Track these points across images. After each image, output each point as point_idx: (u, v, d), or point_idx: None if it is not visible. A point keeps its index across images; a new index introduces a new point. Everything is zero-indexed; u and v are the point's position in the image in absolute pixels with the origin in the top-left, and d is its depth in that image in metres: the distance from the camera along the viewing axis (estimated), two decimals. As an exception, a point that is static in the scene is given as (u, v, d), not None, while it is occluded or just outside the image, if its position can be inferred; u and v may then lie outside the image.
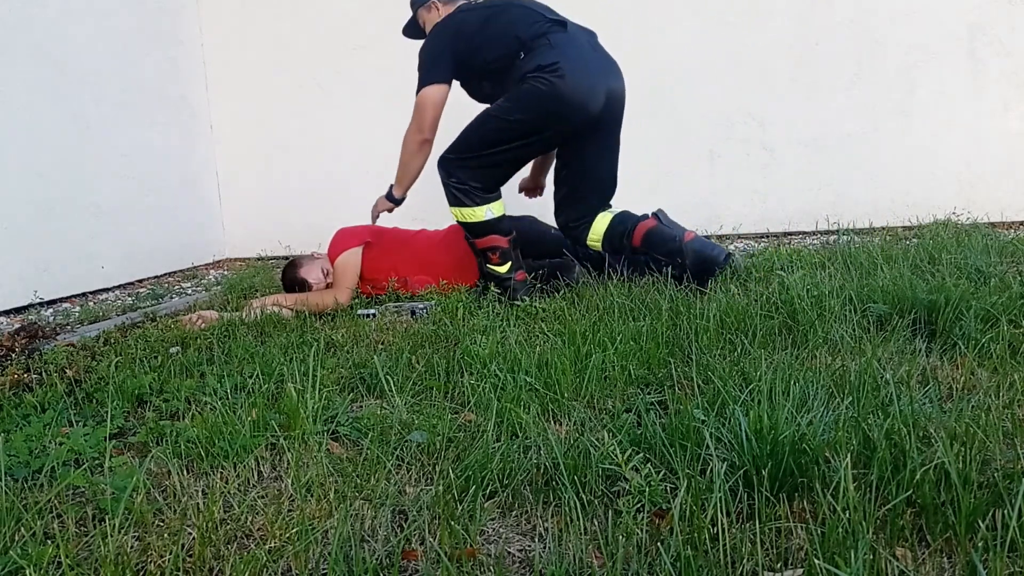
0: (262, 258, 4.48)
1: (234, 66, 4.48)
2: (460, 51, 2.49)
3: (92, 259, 3.42)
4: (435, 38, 2.54)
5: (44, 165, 3.16)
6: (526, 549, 1.00)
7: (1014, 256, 2.68)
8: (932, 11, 3.96)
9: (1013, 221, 3.96)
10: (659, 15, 4.16)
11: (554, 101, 2.36)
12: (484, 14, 2.51)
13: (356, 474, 1.19)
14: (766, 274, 2.57)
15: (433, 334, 2.05)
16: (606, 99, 2.44)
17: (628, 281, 2.49)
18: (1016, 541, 0.87)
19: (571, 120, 2.42)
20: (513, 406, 1.38)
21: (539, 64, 2.37)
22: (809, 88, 4.10)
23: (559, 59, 2.36)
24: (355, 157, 4.45)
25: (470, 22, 2.50)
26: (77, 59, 3.38)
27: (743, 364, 1.56)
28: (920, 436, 1.13)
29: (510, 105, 2.41)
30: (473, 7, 2.57)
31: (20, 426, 1.47)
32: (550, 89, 2.35)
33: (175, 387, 1.67)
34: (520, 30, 2.45)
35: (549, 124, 2.43)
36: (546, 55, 2.38)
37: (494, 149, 2.44)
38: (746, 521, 0.98)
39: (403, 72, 4.33)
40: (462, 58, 2.50)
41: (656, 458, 1.16)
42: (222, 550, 0.98)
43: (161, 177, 3.98)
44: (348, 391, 1.64)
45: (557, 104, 2.37)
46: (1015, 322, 1.76)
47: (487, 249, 2.54)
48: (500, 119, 2.43)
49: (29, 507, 1.09)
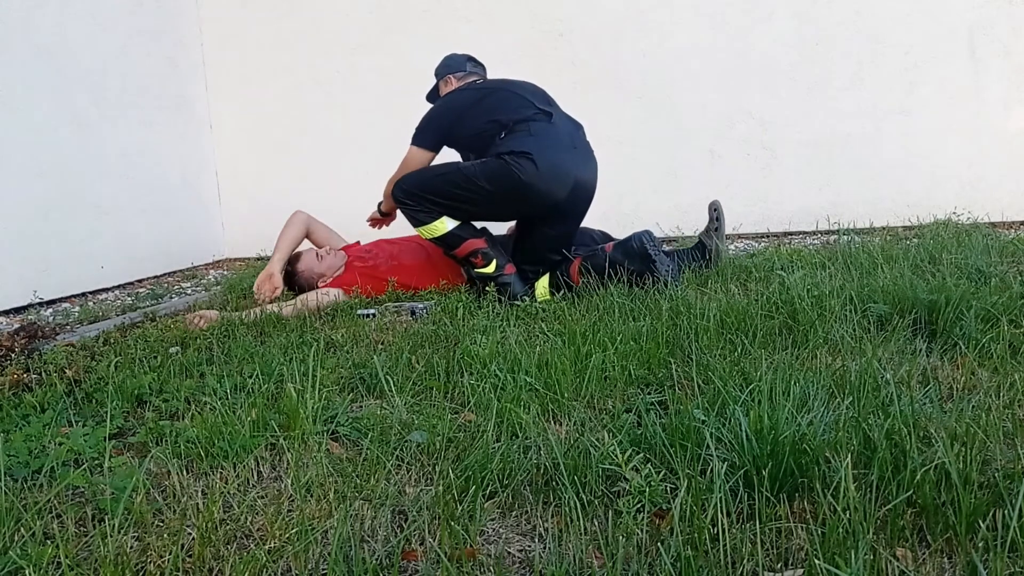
0: (262, 258, 4.47)
1: (234, 66, 4.48)
2: (446, 125, 2.68)
3: (92, 259, 3.42)
4: (434, 108, 2.74)
5: (44, 165, 3.16)
6: (526, 549, 1.00)
7: (1014, 256, 2.68)
8: (932, 11, 3.96)
9: (1013, 221, 3.96)
10: (660, 15, 4.16)
11: (519, 185, 2.48)
12: (478, 95, 2.68)
13: (356, 474, 1.19)
14: (766, 274, 2.57)
15: (433, 334, 2.05)
16: (572, 189, 2.55)
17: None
18: (1016, 541, 0.87)
19: (532, 204, 2.55)
20: (513, 406, 1.38)
21: (512, 149, 2.51)
22: (809, 88, 4.10)
23: (532, 149, 2.49)
24: (355, 157, 4.45)
25: (463, 100, 2.69)
26: (77, 59, 3.38)
27: (743, 364, 1.56)
28: (920, 436, 1.13)
29: (479, 171, 2.53)
30: (474, 87, 2.75)
31: (20, 426, 1.47)
32: (518, 172, 2.47)
33: (175, 387, 1.67)
34: (502, 114, 2.60)
35: (509, 203, 2.56)
36: (523, 141, 2.52)
37: (451, 201, 2.56)
38: (746, 521, 0.98)
39: (403, 72, 4.36)
40: (447, 131, 2.68)
41: (656, 458, 1.16)
42: (222, 550, 0.98)
43: (161, 177, 3.98)
44: (348, 391, 1.64)
45: (522, 189, 2.49)
46: (1015, 322, 1.76)
47: (469, 255, 2.61)
48: (467, 179, 2.53)
49: (29, 507, 1.09)
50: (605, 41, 4.22)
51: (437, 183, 2.56)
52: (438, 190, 2.55)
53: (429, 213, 2.57)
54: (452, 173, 2.56)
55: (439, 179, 2.57)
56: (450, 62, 2.90)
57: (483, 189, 2.50)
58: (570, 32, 4.25)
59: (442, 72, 2.90)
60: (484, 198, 2.52)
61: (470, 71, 2.88)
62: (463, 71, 2.86)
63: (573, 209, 2.62)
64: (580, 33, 4.25)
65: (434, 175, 2.59)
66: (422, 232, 2.63)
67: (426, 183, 2.57)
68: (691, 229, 4.12)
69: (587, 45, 4.23)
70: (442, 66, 2.92)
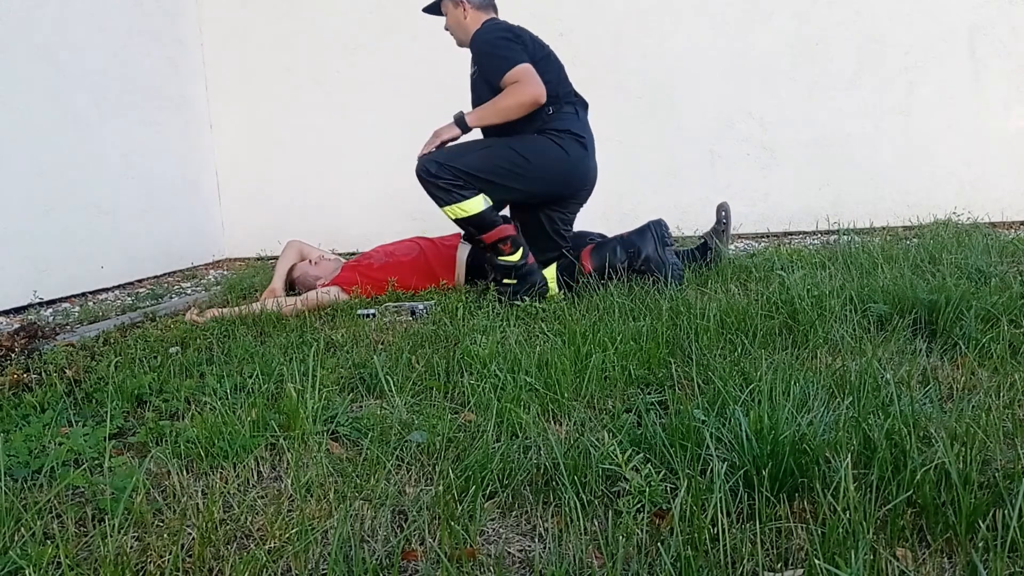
0: (262, 258, 4.48)
1: (234, 66, 4.49)
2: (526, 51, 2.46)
3: (92, 259, 3.42)
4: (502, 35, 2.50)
5: (44, 165, 3.16)
6: (526, 549, 1.00)
7: (1014, 256, 2.68)
8: (932, 11, 3.96)
9: (1013, 221, 3.96)
10: (660, 15, 4.16)
11: (569, 167, 2.46)
12: (543, 50, 2.55)
13: (356, 474, 1.19)
14: (766, 274, 2.57)
15: (433, 334, 2.05)
16: (592, 179, 2.58)
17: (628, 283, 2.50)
18: (1016, 541, 0.87)
19: (570, 188, 2.53)
20: (513, 406, 1.38)
21: (569, 128, 2.47)
22: (809, 88, 4.10)
23: (585, 134, 2.48)
24: (355, 157, 4.46)
25: (532, 42, 2.53)
26: (77, 59, 3.38)
27: (743, 364, 1.56)
28: (920, 436, 1.13)
29: (529, 148, 2.43)
30: (530, 34, 2.58)
31: (20, 426, 1.47)
32: (574, 156, 2.45)
33: (175, 387, 1.67)
34: (560, 85, 2.53)
35: (550, 184, 2.50)
36: (574, 123, 2.49)
37: (492, 177, 2.42)
38: (746, 521, 0.98)
39: (403, 72, 4.37)
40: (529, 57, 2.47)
41: (656, 458, 1.16)
42: (222, 550, 0.98)
43: (161, 177, 3.98)
44: (348, 391, 1.64)
45: (571, 173, 2.48)
46: (1015, 322, 1.76)
47: (498, 241, 2.47)
48: (516, 154, 2.42)
49: (29, 507, 1.09)
50: (606, 41, 4.22)
51: (481, 156, 2.41)
52: (482, 164, 2.39)
53: (466, 188, 2.38)
54: (500, 147, 2.43)
55: (485, 152, 2.42)
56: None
57: (531, 166, 2.41)
58: (570, 32, 4.25)
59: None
60: (529, 176, 2.42)
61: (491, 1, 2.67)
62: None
63: (588, 195, 2.63)
64: (580, 33, 4.25)
65: (480, 147, 2.45)
66: (453, 211, 2.43)
67: (467, 156, 2.40)
68: (691, 229, 4.12)
69: (587, 45, 4.23)
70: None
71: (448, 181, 2.38)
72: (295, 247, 3.12)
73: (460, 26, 2.65)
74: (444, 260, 2.82)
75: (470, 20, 2.62)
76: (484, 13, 2.65)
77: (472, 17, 2.62)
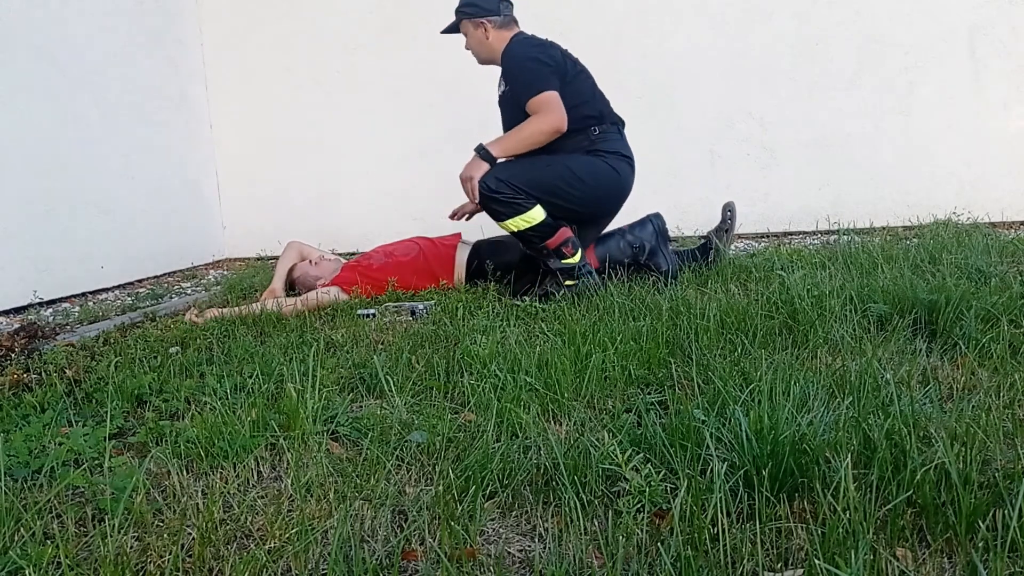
0: (262, 258, 4.48)
1: (234, 66, 4.48)
2: (559, 73, 2.50)
3: (92, 259, 3.42)
4: (533, 55, 2.49)
5: (44, 165, 3.16)
6: (526, 549, 1.00)
7: (1015, 256, 2.68)
8: (932, 11, 3.96)
9: (1013, 221, 3.96)
10: (660, 15, 4.16)
11: (618, 188, 2.52)
12: (576, 67, 2.56)
13: (356, 474, 1.19)
14: (766, 274, 2.57)
15: (433, 334, 2.05)
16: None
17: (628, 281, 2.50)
18: (1016, 541, 0.87)
19: (615, 207, 2.59)
20: (513, 406, 1.38)
21: (620, 151, 2.52)
22: (809, 88, 4.10)
23: (631, 155, 2.53)
24: (355, 157, 4.46)
25: (565, 62, 2.53)
26: (77, 59, 3.38)
27: (743, 364, 1.56)
28: (920, 436, 1.13)
29: (585, 167, 2.47)
30: (565, 52, 2.60)
31: (20, 426, 1.47)
32: (624, 178, 2.52)
33: (175, 387, 1.67)
34: (604, 104, 2.58)
35: (599, 203, 2.56)
36: (622, 145, 2.55)
37: (547, 195, 2.43)
38: (746, 521, 0.98)
39: (402, 72, 4.37)
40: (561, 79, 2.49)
41: (656, 458, 1.16)
42: (222, 550, 0.98)
43: (161, 177, 3.98)
44: (348, 391, 1.64)
45: (619, 195, 2.53)
46: (1015, 322, 1.76)
47: (561, 245, 2.47)
48: (572, 174, 2.45)
49: (29, 507, 1.09)
50: (606, 41, 4.22)
51: (541, 174, 2.43)
52: (541, 182, 2.41)
53: (527, 200, 2.40)
54: (557, 165, 2.45)
55: (545, 170, 2.44)
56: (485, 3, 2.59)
57: (585, 186, 2.45)
58: (570, 32, 4.21)
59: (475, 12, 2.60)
60: (581, 195, 2.45)
61: (511, 16, 2.63)
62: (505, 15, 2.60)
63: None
64: (580, 33, 4.23)
65: (540, 165, 2.45)
66: (515, 223, 2.43)
67: (526, 173, 2.42)
68: (691, 229, 4.12)
69: (588, 45, 4.19)
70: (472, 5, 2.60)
71: (509, 196, 2.40)
72: (295, 248, 3.12)
73: (483, 46, 2.65)
74: (443, 260, 2.83)
75: (493, 39, 2.62)
76: (508, 30, 2.63)
77: (495, 36, 2.62)
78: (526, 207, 2.41)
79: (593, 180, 2.46)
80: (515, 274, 2.72)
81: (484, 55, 2.68)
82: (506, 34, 2.62)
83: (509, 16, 2.64)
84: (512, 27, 2.65)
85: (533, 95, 2.42)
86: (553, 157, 2.48)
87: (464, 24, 2.66)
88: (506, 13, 2.63)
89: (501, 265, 2.73)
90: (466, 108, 4.27)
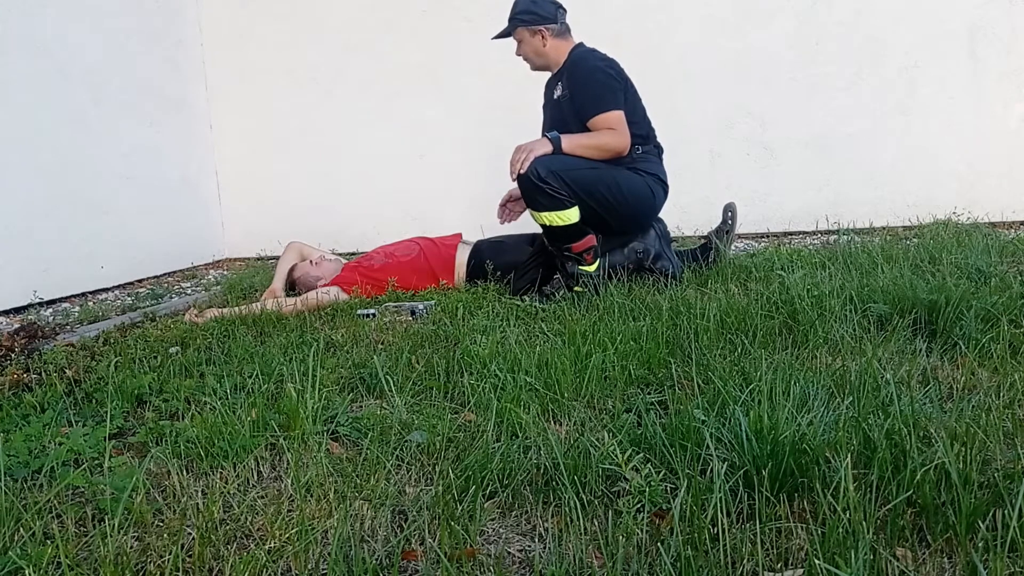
0: (262, 258, 4.48)
1: (234, 66, 4.48)
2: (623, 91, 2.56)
3: (92, 259, 3.42)
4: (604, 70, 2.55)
5: (44, 165, 3.16)
6: (526, 549, 1.00)
7: (1015, 256, 2.68)
8: (932, 11, 3.96)
9: (1014, 221, 3.96)
10: (660, 15, 4.16)
11: (650, 209, 2.58)
12: (631, 84, 2.62)
13: (356, 474, 1.19)
14: (766, 274, 2.57)
15: (433, 334, 2.05)
16: None
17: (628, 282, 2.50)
18: (1016, 541, 0.87)
19: (635, 229, 2.62)
20: (513, 406, 1.38)
21: (658, 174, 2.58)
22: (809, 88, 4.09)
23: (667, 182, 2.60)
24: (354, 157, 4.46)
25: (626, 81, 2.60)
26: (77, 59, 3.38)
27: (743, 364, 1.56)
28: (920, 436, 1.13)
29: (627, 183, 2.51)
30: (618, 64, 2.62)
31: (20, 426, 1.47)
32: (658, 201, 2.59)
33: (175, 387, 1.67)
34: (650, 127, 2.65)
35: (631, 220, 2.59)
36: (661, 169, 2.61)
37: (587, 198, 2.43)
38: (746, 521, 0.98)
39: (403, 72, 4.36)
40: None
41: (656, 458, 1.16)
42: (222, 550, 0.98)
43: (161, 177, 3.98)
44: (348, 391, 1.64)
45: (649, 215, 2.59)
46: (1015, 322, 1.75)
47: (584, 251, 2.49)
48: (616, 185, 2.49)
49: (29, 507, 1.09)
50: (606, 41, 4.18)
51: (588, 175, 2.42)
52: (585, 182, 2.41)
53: (569, 198, 2.39)
54: (605, 172, 2.47)
55: (592, 172, 2.44)
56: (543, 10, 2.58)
57: (625, 200, 2.49)
58: (570, 32, 4.24)
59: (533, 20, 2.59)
60: (619, 208, 2.49)
61: (567, 24, 2.65)
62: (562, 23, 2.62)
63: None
64: (580, 33, 4.22)
65: (589, 167, 2.44)
66: (550, 217, 2.41)
67: (576, 171, 2.41)
68: (691, 229, 4.12)
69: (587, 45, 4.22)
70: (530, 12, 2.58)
71: (554, 189, 2.38)
72: (295, 248, 3.13)
73: (539, 54, 2.66)
74: (444, 260, 2.83)
75: (550, 48, 2.63)
76: (565, 40, 2.65)
77: (552, 45, 2.63)
78: (566, 205, 2.40)
79: (633, 197, 2.51)
80: (515, 274, 2.72)
81: (539, 62, 2.70)
82: (563, 43, 2.64)
83: (565, 24, 2.66)
84: (568, 36, 2.68)
85: (602, 111, 2.47)
86: (602, 164, 2.49)
87: (520, 31, 2.65)
88: (562, 21, 2.65)
89: (501, 265, 2.74)
90: (466, 109, 4.28)
